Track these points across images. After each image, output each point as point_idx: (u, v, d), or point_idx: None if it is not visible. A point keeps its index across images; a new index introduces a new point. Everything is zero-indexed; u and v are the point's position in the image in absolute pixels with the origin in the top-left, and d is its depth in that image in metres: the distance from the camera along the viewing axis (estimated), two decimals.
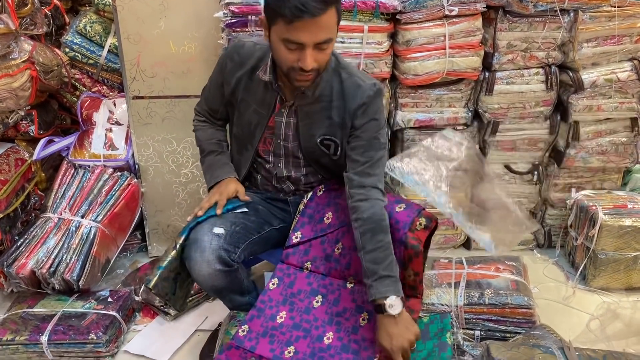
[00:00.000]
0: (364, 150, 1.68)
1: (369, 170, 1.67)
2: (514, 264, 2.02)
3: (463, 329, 1.83)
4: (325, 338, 1.65)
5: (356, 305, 1.70)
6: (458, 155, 1.95)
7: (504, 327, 1.83)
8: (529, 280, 1.97)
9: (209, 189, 1.85)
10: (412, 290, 1.70)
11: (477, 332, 1.83)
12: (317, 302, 1.73)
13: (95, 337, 1.93)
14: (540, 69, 2.33)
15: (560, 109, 2.43)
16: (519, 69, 2.33)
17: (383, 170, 1.72)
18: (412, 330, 1.56)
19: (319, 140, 1.73)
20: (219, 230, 1.68)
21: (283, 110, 1.72)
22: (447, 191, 1.88)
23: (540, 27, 2.24)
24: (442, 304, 1.85)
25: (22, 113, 2.30)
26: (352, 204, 1.66)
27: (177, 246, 1.70)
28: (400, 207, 1.72)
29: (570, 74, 2.32)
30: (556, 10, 2.20)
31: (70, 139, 2.47)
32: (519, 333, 1.81)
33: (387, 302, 1.53)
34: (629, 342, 1.94)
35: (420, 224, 1.68)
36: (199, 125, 1.92)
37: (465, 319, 1.84)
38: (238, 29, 2.18)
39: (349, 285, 1.73)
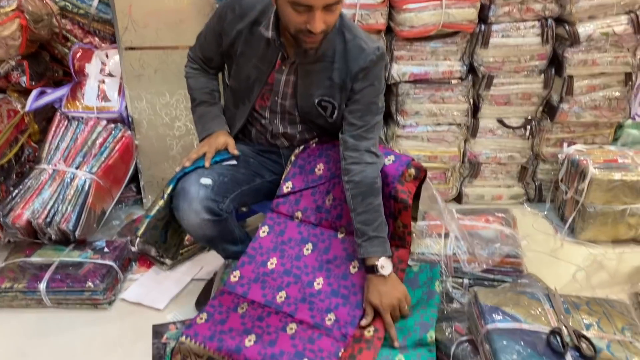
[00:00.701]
0: (361, 114, 1.68)
1: (365, 134, 1.68)
2: (503, 215, 2.05)
3: (452, 277, 1.88)
4: (315, 284, 1.69)
5: (347, 253, 1.73)
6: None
7: (492, 276, 1.86)
8: (518, 231, 2.01)
9: (200, 140, 1.86)
10: (401, 241, 1.74)
11: (465, 281, 1.87)
12: (307, 249, 1.76)
13: (92, 285, 1.97)
14: (536, 22, 2.31)
15: (555, 63, 2.43)
16: (515, 21, 2.30)
17: (379, 133, 1.73)
18: (400, 289, 1.62)
19: (316, 100, 1.71)
20: (206, 180, 1.69)
21: (284, 67, 1.69)
22: None
23: None
24: (432, 254, 1.89)
25: (13, 63, 2.28)
26: (344, 166, 1.68)
27: (165, 196, 1.72)
28: (389, 160, 1.73)
29: (567, 28, 2.30)
30: None
31: (62, 91, 2.45)
32: (507, 282, 1.85)
33: (379, 263, 1.59)
34: (613, 290, 2.00)
35: (409, 175, 1.71)
36: (192, 73, 1.90)
37: (454, 268, 1.88)
38: None
39: (340, 235, 1.76)
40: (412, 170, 1.71)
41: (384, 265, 1.59)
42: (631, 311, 1.55)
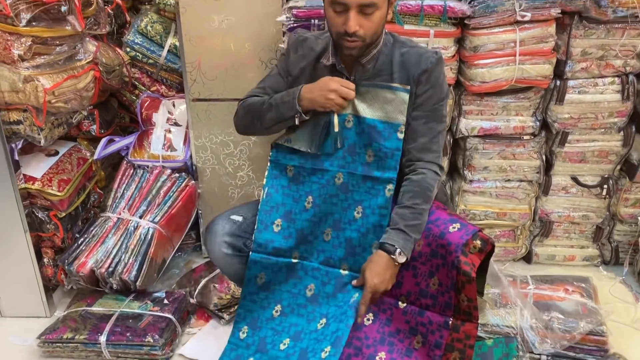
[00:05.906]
0: (425, 120, 1.67)
1: (430, 146, 1.68)
2: (583, 285, 1.92)
3: (529, 353, 1.75)
4: (377, 358, 1.60)
5: (410, 327, 1.64)
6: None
7: (573, 354, 1.74)
8: (600, 303, 1.87)
9: (296, 100, 1.67)
10: (467, 316, 1.60)
11: (544, 357, 1.75)
12: (367, 319, 1.68)
13: (151, 340, 1.95)
14: (616, 78, 2.19)
15: (636, 120, 2.29)
16: (593, 77, 2.20)
17: (442, 145, 1.72)
18: (391, 282, 1.60)
19: None
20: (236, 217, 1.77)
21: None
22: None
23: (619, 33, 2.12)
24: (506, 326, 1.77)
25: (85, 113, 2.33)
26: (407, 172, 1.68)
27: None
28: (454, 227, 1.61)
29: None
30: (637, 16, 2.07)
31: (130, 139, 2.48)
32: None
33: (399, 249, 1.56)
34: None
35: (474, 247, 1.56)
36: (248, 98, 1.82)
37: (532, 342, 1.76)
38: None
39: (402, 305, 1.67)
40: (478, 242, 1.57)
41: (402, 254, 1.57)
42: None
